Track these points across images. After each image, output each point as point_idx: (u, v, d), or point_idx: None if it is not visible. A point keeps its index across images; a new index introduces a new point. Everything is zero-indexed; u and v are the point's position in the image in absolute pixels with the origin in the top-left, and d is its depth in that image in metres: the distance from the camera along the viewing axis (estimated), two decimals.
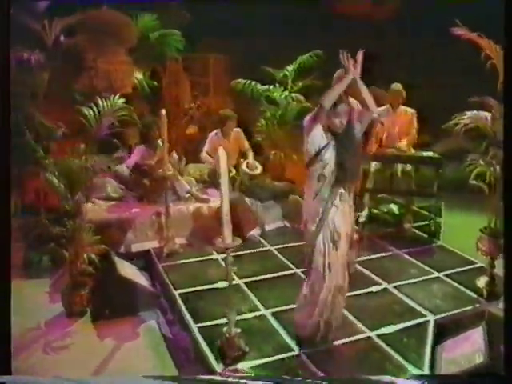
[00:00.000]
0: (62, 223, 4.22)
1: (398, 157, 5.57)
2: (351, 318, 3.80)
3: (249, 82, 6.22)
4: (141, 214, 5.09)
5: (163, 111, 4.54)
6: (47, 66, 4.79)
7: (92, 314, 4.24)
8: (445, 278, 4.49)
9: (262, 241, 5.29)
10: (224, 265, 4.59)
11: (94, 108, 4.28)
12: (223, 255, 4.76)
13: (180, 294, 4.16)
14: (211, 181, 5.77)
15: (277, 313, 3.87)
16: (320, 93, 3.37)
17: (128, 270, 4.46)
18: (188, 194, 5.40)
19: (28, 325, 4.08)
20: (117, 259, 4.50)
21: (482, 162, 4.23)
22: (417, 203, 5.93)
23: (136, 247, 4.95)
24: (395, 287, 4.31)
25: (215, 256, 4.88)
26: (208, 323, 3.70)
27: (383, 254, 5.01)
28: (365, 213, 5.87)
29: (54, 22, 4.94)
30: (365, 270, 4.62)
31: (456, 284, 4.38)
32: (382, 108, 5.79)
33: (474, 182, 4.29)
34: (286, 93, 6.20)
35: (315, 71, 6.34)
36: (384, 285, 4.36)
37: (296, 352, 3.41)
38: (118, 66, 4.69)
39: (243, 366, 3.25)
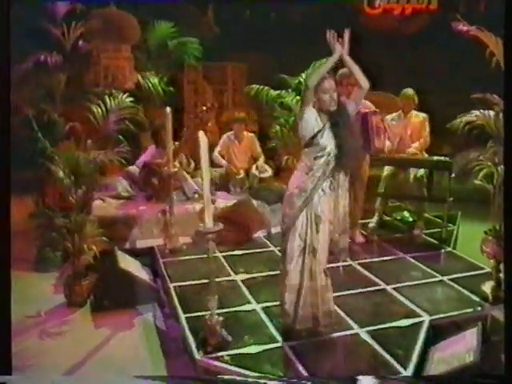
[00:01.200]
0: (67, 215, 4.35)
1: (405, 160, 5.48)
2: (342, 314, 3.75)
3: (261, 87, 6.30)
4: (147, 211, 5.20)
5: (168, 109, 4.66)
6: (65, 67, 4.99)
7: (92, 305, 4.35)
8: (448, 282, 4.36)
9: (268, 243, 5.30)
10: (225, 262, 4.77)
11: (102, 105, 4.45)
12: (224, 253, 4.95)
13: (174, 287, 4.20)
14: (221, 183, 5.87)
15: (267, 307, 3.85)
16: None
17: (129, 264, 4.55)
18: (196, 194, 5.48)
19: (28, 313, 4.21)
20: (119, 253, 4.62)
21: (489, 163, 4.13)
22: (434, 212, 5.81)
23: (141, 243, 5.05)
24: (394, 288, 4.21)
25: (216, 254, 4.89)
26: (197, 314, 3.70)
27: (387, 257, 4.92)
28: (375, 219, 5.79)
29: (72, 27, 5.13)
30: (365, 271, 4.55)
31: (459, 287, 4.24)
32: (394, 114, 5.77)
33: (479, 182, 4.19)
34: (299, 97, 6.23)
35: None
36: (382, 285, 4.28)
37: (280, 344, 3.38)
38: (120, 62, 4.86)
39: (224, 354, 3.24)
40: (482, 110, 4.14)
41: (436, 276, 4.47)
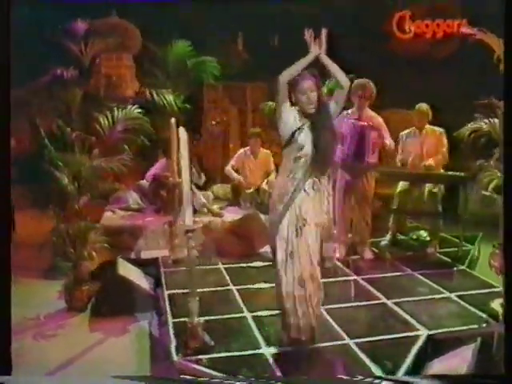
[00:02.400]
0: (71, 222, 4.45)
1: (417, 175, 5.33)
2: (334, 325, 3.64)
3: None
4: (153, 222, 5.26)
5: (173, 120, 4.74)
6: (81, 82, 5.18)
7: (91, 310, 4.37)
8: (455, 298, 4.16)
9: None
10: (225, 274, 4.73)
11: (109, 116, 4.57)
12: (226, 265, 4.92)
13: (168, 294, 4.19)
14: (232, 198, 5.88)
15: (257, 316, 3.78)
16: None
17: (130, 272, 4.58)
18: (203, 208, 5.50)
19: (28, 316, 4.28)
20: (120, 261, 4.66)
21: (497, 173, 3.96)
22: (455, 231, 5.60)
23: (145, 254, 5.09)
24: (395, 303, 4.05)
25: (218, 266, 4.90)
26: (184, 319, 3.66)
27: (394, 274, 4.75)
28: (388, 237, 5.62)
29: (90, 44, 5.32)
30: (367, 285, 4.41)
31: (466, 304, 4.04)
32: (408, 130, 5.65)
33: (487, 192, 4.02)
34: None
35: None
36: (383, 299, 4.12)
37: (261, 351, 3.28)
38: (122, 71, 5.00)
39: (204, 357, 3.18)
40: (487, 119, 4.02)
41: (442, 292, 4.28)
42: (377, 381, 3.03)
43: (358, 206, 5.13)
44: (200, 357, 3.18)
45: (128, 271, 4.54)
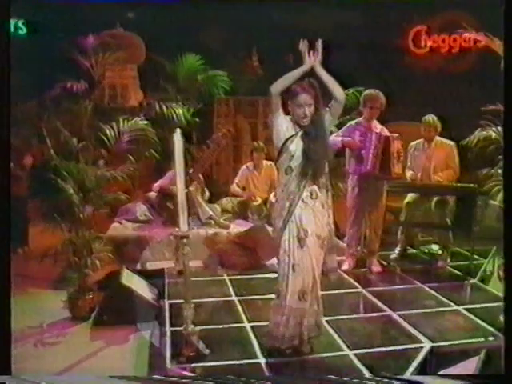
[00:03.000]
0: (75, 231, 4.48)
1: (427, 187, 5.23)
2: (335, 336, 3.56)
3: None
4: (159, 233, 5.26)
5: (178, 130, 4.76)
6: (91, 96, 5.26)
7: (93, 320, 4.36)
8: (463, 312, 4.03)
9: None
10: (229, 285, 4.69)
11: (115, 126, 4.62)
12: (231, 277, 4.88)
13: (170, 304, 4.17)
14: (239, 212, 5.86)
15: (257, 326, 3.71)
16: None
17: (133, 282, 4.56)
18: (210, 220, 5.49)
19: (30, 324, 4.29)
20: (125, 271, 4.65)
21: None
22: (467, 246, 5.44)
23: (151, 265, 5.08)
24: (401, 315, 3.94)
25: (224, 277, 4.87)
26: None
27: (402, 286, 4.65)
28: (397, 250, 5.51)
29: (100, 58, 5.40)
30: (373, 298, 4.31)
31: (474, 318, 3.91)
32: (416, 142, 5.56)
33: (494, 202, 3.92)
34: None
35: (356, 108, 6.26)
36: (388, 312, 4.02)
37: (258, 360, 3.22)
38: (124, 81, 5.07)
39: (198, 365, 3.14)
40: (494, 126, 3.94)
41: (450, 305, 4.16)
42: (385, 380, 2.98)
43: (369, 218, 5.05)
44: (194, 365, 3.14)
45: (131, 281, 4.53)
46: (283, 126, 3.16)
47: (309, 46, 3.12)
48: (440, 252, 5.49)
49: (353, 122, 5.07)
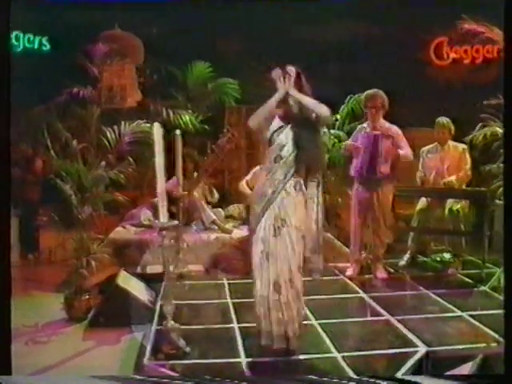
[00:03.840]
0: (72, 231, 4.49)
1: (435, 190, 5.03)
2: (325, 338, 3.41)
3: None
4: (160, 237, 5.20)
5: (177, 131, 4.76)
6: (99, 101, 5.33)
7: (89, 321, 4.33)
8: (467, 318, 3.81)
9: None
10: (227, 288, 4.59)
11: (116, 129, 4.65)
12: (231, 281, 4.78)
13: (161, 304, 4.08)
14: (246, 218, 5.77)
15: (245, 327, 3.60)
16: None
17: (129, 284, 4.52)
18: (213, 224, 5.43)
19: (27, 324, 4.29)
20: (123, 273, 4.62)
21: None
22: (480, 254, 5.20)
23: (151, 269, 5.03)
24: (399, 320, 3.75)
25: (223, 281, 4.79)
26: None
27: (405, 292, 4.46)
28: (406, 257, 5.31)
29: (107, 65, 5.48)
30: (373, 303, 4.13)
31: (478, 324, 3.68)
32: (430, 146, 5.41)
33: (500, 201, 3.73)
34: (332, 131, 6.10)
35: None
36: (386, 316, 3.84)
37: (239, 360, 3.09)
38: (122, 81, 5.08)
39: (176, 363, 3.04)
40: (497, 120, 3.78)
41: (454, 311, 3.95)
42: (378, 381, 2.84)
43: (372, 223, 4.89)
44: (172, 362, 3.04)
45: (128, 283, 4.49)
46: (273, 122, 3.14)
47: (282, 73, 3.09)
48: (451, 260, 5.28)
49: (359, 126, 4.98)
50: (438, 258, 5.47)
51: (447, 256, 5.44)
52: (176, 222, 3.20)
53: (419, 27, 7.75)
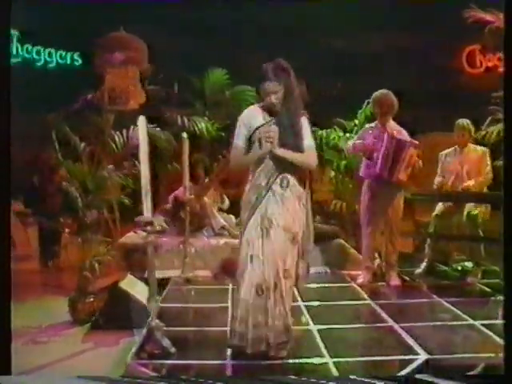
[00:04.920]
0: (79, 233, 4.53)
1: (447, 194, 4.79)
2: (320, 343, 3.24)
3: None
4: (168, 242, 5.19)
5: (184, 134, 4.75)
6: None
7: (91, 323, 4.32)
8: (479, 327, 3.55)
9: None
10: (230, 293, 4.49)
11: (124, 132, 4.70)
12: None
13: (162, 307, 4.04)
14: None
15: None
16: None
17: (133, 287, 4.48)
18: (223, 230, 5.37)
19: (33, 325, 4.32)
20: (128, 277, 4.60)
21: None
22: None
23: (159, 274, 4.96)
24: (404, 327, 3.53)
25: (228, 287, 4.68)
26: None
27: (417, 300, 4.22)
28: (423, 265, 5.05)
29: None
30: (379, 309, 3.93)
31: (490, 333, 3.42)
32: (449, 149, 5.18)
33: None
34: (348, 135, 5.95)
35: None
36: (390, 323, 3.64)
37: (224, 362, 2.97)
38: (124, 83, 5.09)
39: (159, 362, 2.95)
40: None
41: (466, 320, 3.69)
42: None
43: (385, 228, 4.68)
44: (155, 362, 2.96)
45: (132, 287, 4.45)
46: (253, 116, 3.00)
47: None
48: (473, 269, 4.99)
49: (368, 126, 4.82)
50: (460, 267, 5.19)
51: (469, 265, 5.15)
52: (162, 218, 3.12)
53: (450, 36, 7.58)
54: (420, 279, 4.87)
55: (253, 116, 3.01)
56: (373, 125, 4.76)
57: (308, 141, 3.00)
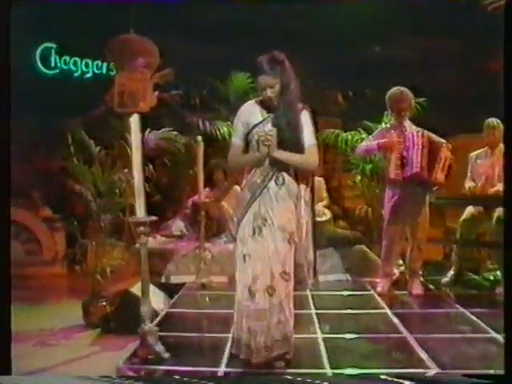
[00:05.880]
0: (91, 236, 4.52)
1: (465, 196, 4.50)
2: (323, 354, 3.06)
3: (333, 131, 5.94)
4: (185, 247, 5.12)
5: (199, 137, 4.68)
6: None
7: (101, 327, 4.29)
8: (502, 340, 3.25)
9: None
10: None
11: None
12: None
13: (168, 312, 3.96)
14: None
15: None
16: None
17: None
18: None
19: (44, 327, 4.35)
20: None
21: None
22: None
23: (175, 279, 4.93)
24: (418, 338, 3.28)
25: None
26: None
27: (438, 310, 3.95)
28: (451, 273, 4.74)
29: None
30: (395, 319, 3.69)
31: None
32: (479, 151, 4.89)
33: None
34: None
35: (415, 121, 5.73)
36: (404, 334, 3.40)
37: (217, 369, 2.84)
38: (134, 85, 5.02)
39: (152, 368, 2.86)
40: None
41: (489, 332, 3.41)
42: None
43: (411, 232, 4.43)
44: (148, 367, 2.87)
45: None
46: (250, 113, 2.86)
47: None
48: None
49: (384, 126, 4.58)
50: (492, 277, 4.86)
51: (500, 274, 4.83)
52: (154, 218, 3.03)
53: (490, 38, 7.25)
54: (446, 288, 4.58)
55: (250, 112, 2.88)
56: (388, 125, 4.52)
57: (308, 139, 2.85)
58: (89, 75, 7.96)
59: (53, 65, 7.83)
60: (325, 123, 7.10)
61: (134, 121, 2.93)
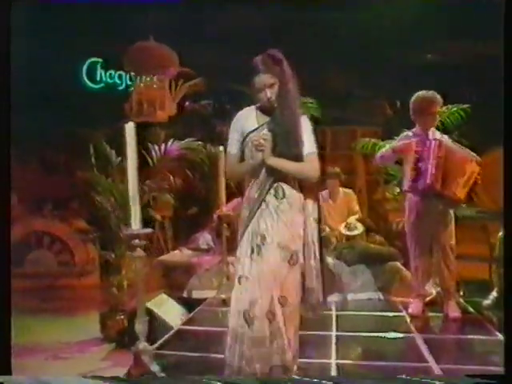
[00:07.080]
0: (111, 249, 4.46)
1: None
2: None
3: (369, 140, 5.62)
4: (209, 261, 4.95)
5: (221, 147, 4.52)
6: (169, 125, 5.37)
7: (116, 341, 4.20)
8: None
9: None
10: None
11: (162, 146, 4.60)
12: None
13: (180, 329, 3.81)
14: None
15: None
16: None
17: (166, 308, 4.31)
18: None
19: (61, 340, 4.30)
20: (160, 296, 4.43)
21: None
22: None
23: (197, 294, 4.76)
24: (445, 369, 2.93)
25: None
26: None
27: (473, 337, 3.56)
28: (493, 294, 4.29)
29: (178, 87, 5.49)
30: (422, 346, 3.33)
31: None
32: None
33: None
34: None
35: (460, 128, 5.31)
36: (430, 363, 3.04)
37: None
38: (152, 94, 4.93)
39: None
40: None
41: None
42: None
43: (438, 249, 4.02)
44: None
45: (159, 306, 4.25)
46: (246, 119, 2.65)
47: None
48: None
49: (405, 133, 4.17)
50: None
51: None
52: (150, 230, 2.87)
53: None
54: (488, 311, 4.14)
55: (245, 119, 2.66)
56: (410, 133, 4.12)
57: (308, 147, 2.59)
58: (122, 88, 8.05)
59: (98, 79, 8.00)
60: (363, 132, 6.85)
61: (129, 128, 2.80)
